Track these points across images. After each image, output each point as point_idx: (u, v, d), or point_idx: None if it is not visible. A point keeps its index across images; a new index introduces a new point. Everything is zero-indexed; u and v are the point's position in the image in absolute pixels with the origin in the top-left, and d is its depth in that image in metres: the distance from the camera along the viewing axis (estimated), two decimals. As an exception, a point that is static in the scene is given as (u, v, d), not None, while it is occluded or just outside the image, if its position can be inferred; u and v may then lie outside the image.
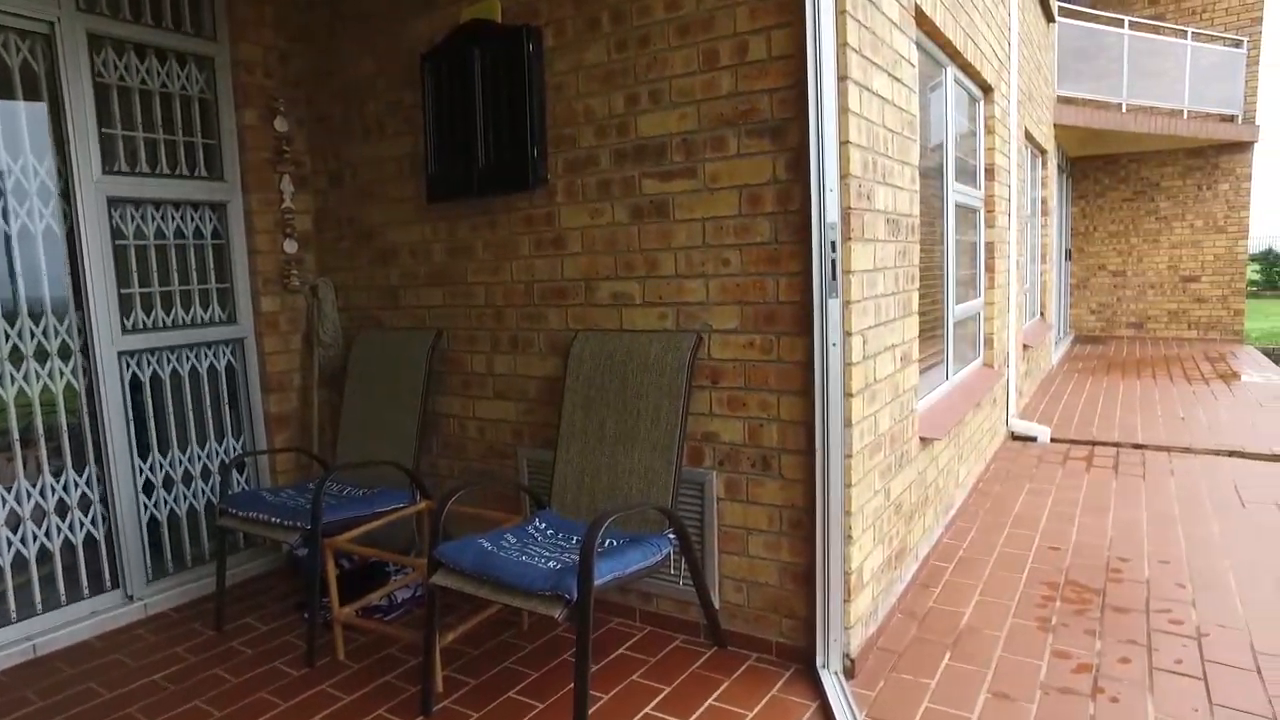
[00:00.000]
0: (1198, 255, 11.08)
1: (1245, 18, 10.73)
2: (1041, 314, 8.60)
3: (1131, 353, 10.01)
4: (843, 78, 2.49)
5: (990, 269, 5.15)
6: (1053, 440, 5.66)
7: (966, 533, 3.89)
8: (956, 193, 4.28)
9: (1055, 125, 8.70)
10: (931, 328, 3.99)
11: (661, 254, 2.90)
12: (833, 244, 2.44)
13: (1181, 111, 10.21)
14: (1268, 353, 10.26)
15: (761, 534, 2.79)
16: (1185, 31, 10.39)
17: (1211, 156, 10.90)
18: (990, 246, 5.13)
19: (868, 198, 2.63)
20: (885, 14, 2.83)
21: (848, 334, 2.50)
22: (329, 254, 4.04)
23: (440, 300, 3.61)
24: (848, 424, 2.53)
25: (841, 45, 2.48)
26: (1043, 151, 8.02)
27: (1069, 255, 11.59)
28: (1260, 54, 10.73)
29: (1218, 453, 5.24)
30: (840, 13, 2.46)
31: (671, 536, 2.67)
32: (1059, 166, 9.98)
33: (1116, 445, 5.49)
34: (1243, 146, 10.76)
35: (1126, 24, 9.96)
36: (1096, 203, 11.56)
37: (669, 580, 2.99)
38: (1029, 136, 6.81)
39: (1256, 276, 20.80)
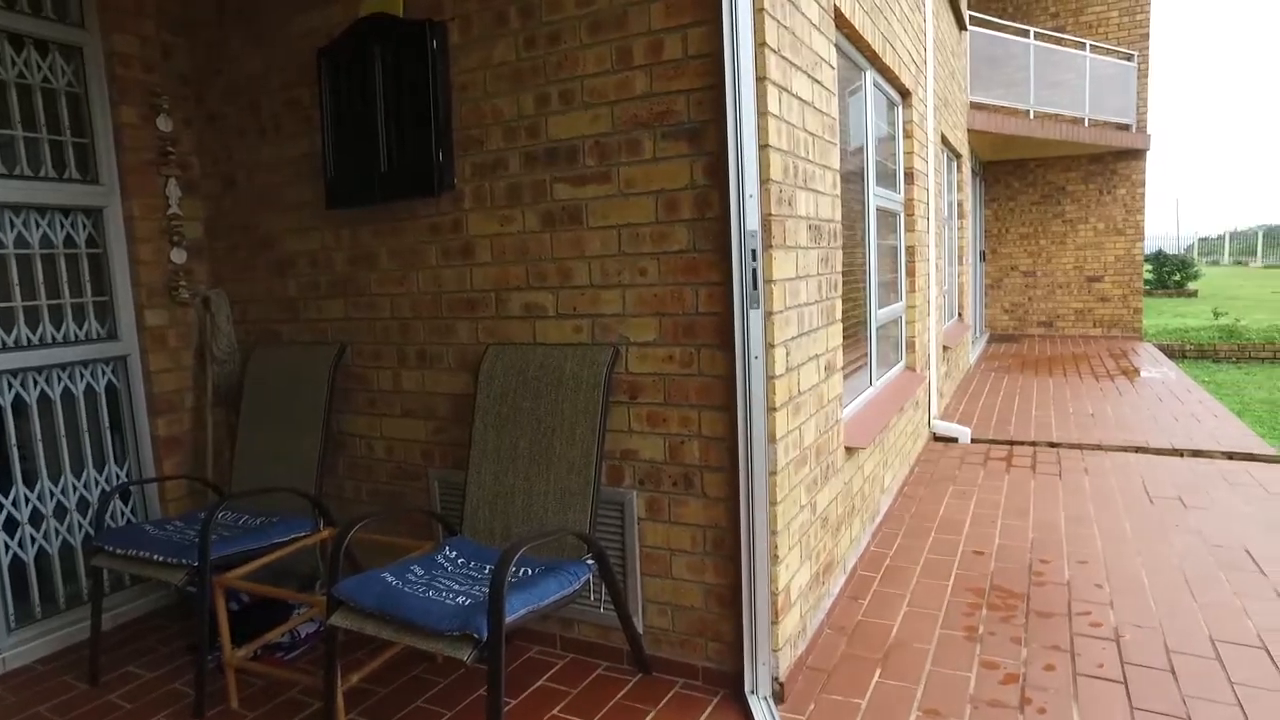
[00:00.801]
0: (1100, 256, 11.56)
1: (1135, 33, 11.28)
2: (959, 315, 8.79)
3: (1043, 350, 10.35)
4: (762, 79, 2.39)
5: (911, 272, 5.18)
6: (973, 441, 5.74)
7: (893, 539, 3.86)
8: (877, 197, 4.27)
9: (969, 130, 8.92)
10: (855, 333, 3.95)
11: (575, 263, 2.75)
12: (753, 252, 2.34)
13: (1083, 119, 10.63)
14: (1163, 348, 10.77)
15: (685, 555, 2.67)
16: (1083, 44, 10.82)
17: (1110, 163, 11.39)
18: (911, 250, 5.16)
19: (789, 203, 2.55)
20: (804, 14, 2.75)
21: (770, 346, 2.40)
22: (223, 263, 3.75)
23: (343, 312, 3.38)
24: (772, 440, 2.43)
25: (760, 45, 2.38)
26: (958, 156, 8.19)
27: (983, 256, 11.93)
28: (1149, 67, 11.28)
29: (1125, 449, 5.40)
30: (758, 11, 2.36)
31: (590, 562, 2.52)
32: (973, 170, 10.25)
33: (1033, 444, 5.60)
34: (1137, 154, 11.29)
35: (1032, 34, 10.31)
36: (1008, 205, 11.94)
37: (590, 606, 2.84)
38: (945, 141, 6.92)
39: (1149, 276, 21.91)
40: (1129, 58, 11.16)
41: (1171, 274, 22.48)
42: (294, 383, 3.39)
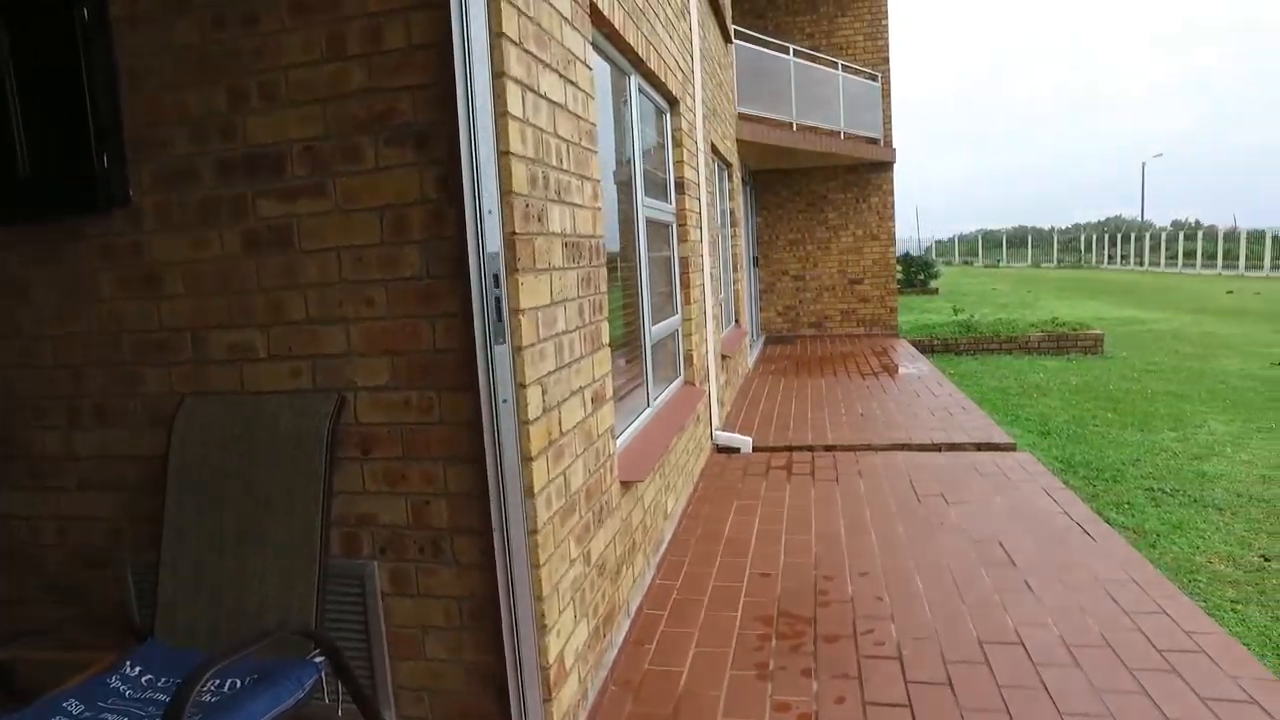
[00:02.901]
0: (860, 260, 12.44)
1: (877, 56, 12.30)
2: (737, 321, 9.00)
3: (815, 351, 10.92)
4: (499, 74, 2.05)
5: (686, 284, 5.09)
6: (755, 450, 5.77)
7: (680, 568, 3.68)
8: (647, 208, 4.09)
9: (738, 140, 9.17)
10: (628, 353, 3.73)
11: (288, 294, 2.27)
12: (495, 277, 2.00)
13: (839, 133, 11.37)
14: (915, 344, 11.77)
15: (440, 632, 2.27)
16: (836, 63, 11.59)
17: (864, 173, 12.30)
18: (685, 261, 5.06)
19: (539, 219, 2.23)
20: (553, 5, 2.45)
21: (521, 386, 2.07)
22: None
23: (-10, 359, 2.63)
24: (530, 494, 2.10)
25: (497, 35, 2.05)
26: (729, 165, 8.37)
27: (757, 262, 12.44)
28: (891, 88, 12.35)
29: (893, 447, 5.66)
30: (491, -4, 2.03)
31: (318, 659, 2.06)
32: (743, 179, 10.60)
33: (811, 449, 5.72)
34: (885, 166, 12.29)
35: (791, 51, 10.85)
36: (777, 213, 12.53)
37: (328, 706, 2.35)
38: (716, 150, 6.99)
39: (899, 276, 24.23)
40: (874, 78, 12.11)
41: (917, 274, 25.06)
42: (-81, 454, 2.59)
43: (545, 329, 2.24)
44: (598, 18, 3.07)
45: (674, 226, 4.92)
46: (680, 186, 5.01)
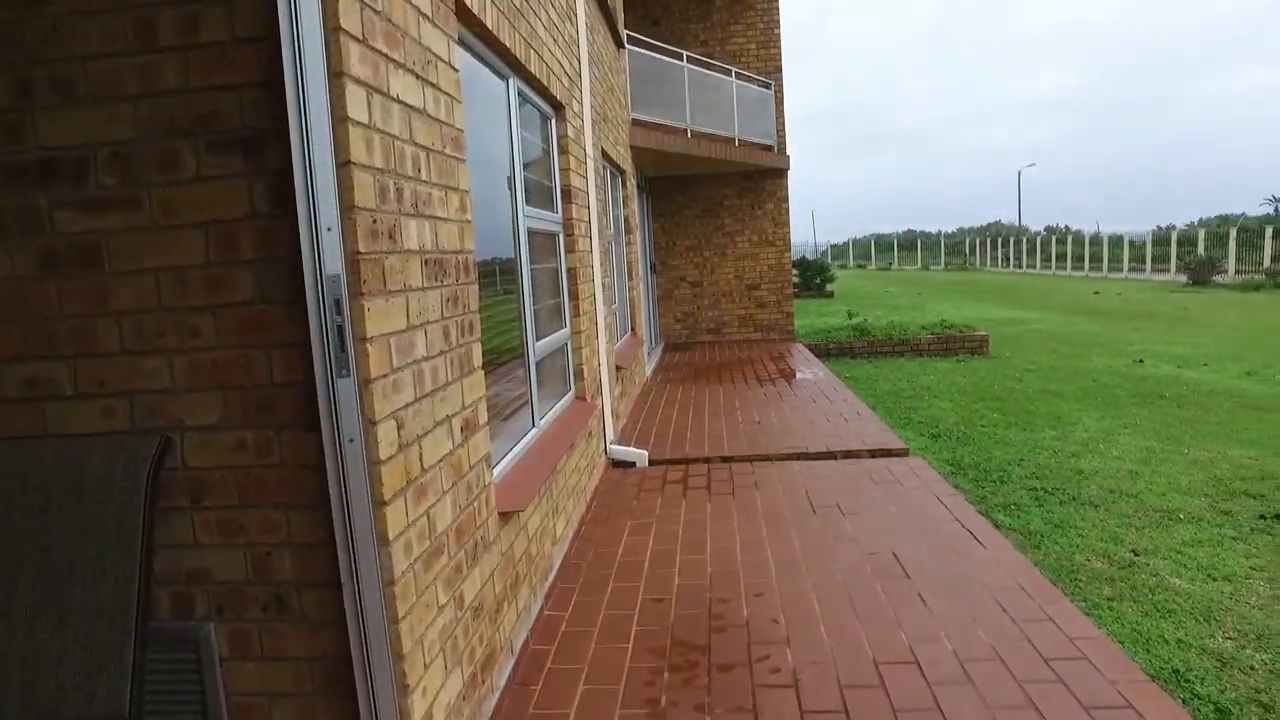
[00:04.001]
0: (756, 266, 12.57)
1: (770, 65, 12.47)
2: (633, 330, 8.88)
3: (713, 357, 10.93)
4: (339, 74, 1.83)
5: (575, 296, 4.90)
6: (651, 463, 5.64)
7: (569, 597, 3.49)
8: (529, 217, 3.89)
9: (631, 146, 9.07)
10: (510, 372, 3.52)
11: (99, 321, 1.97)
12: (337, 303, 1.77)
13: (733, 139, 11.44)
14: (812, 348, 11.97)
15: (290, 699, 2.02)
16: (730, 70, 11.67)
17: (759, 180, 12.44)
18: (573, 272, 4.88)
19: (390, 236, 2.01)
20: None
21: (371, 422, 1.85)
22: None
23: None
24: (384, 541, 1.88)
25: (334, 30, 1.82)
26: (622, 171, 8.25)
27: (654, 269, 12.39)
28: (784, 96, 12.55)
29: (788, 457, 5.64)
30: (328, -15, 1.80)
31: (135, 748, 1.77)
32: (639, 186, 10.52)
33: (708, 461, 5.64)
34: (780, 172, 12.46)
35: (685, 58, 10.85)
36: (674, 219, 12.52)
37: (156, 793, 2.06)
38: (607, 156, 6.85)
39: (795, 280, 24.78)
40: (767, 86, 12.27)
41: (813, 278, 25.68)
42: None
43: (400, 357, 2.01)
44: (466, 15, 2.86)
45: (561, 236, 4.74)
46: (567, 194, 4.83)
